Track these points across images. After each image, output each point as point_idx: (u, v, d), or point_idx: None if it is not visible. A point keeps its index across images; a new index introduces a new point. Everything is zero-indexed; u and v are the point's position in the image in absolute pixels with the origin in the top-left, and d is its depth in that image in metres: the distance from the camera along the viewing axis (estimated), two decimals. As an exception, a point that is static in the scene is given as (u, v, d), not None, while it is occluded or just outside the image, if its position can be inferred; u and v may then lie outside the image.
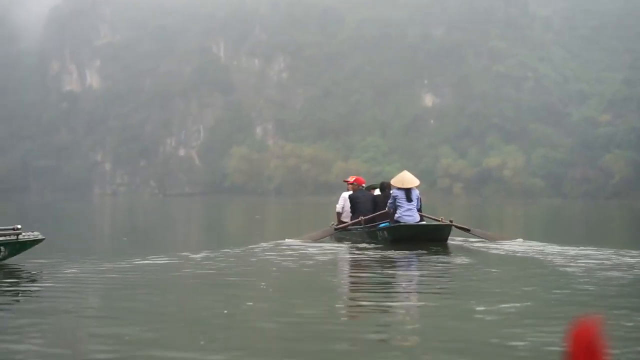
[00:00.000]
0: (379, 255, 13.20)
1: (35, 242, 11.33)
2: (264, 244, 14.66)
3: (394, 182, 15.57)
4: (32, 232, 11.53)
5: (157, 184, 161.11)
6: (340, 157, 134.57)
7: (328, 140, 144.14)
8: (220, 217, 38.09)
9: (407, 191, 15.25)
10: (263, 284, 9.47)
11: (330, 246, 15.00)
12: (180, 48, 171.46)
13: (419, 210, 15.58)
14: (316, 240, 15.91)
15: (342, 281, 10.89)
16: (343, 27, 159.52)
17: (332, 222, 17.26)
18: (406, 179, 15.48)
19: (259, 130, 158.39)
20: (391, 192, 15.47)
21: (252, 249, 13.84)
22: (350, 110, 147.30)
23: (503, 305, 7.69)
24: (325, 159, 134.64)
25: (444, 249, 14.28)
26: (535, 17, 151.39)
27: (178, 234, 22.78)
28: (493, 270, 11.28)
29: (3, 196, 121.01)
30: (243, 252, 13.28)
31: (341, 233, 16.54)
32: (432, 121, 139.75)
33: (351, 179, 17.34)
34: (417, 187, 15.69)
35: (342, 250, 14.52)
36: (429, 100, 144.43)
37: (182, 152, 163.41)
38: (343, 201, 17.06)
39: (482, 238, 15.99)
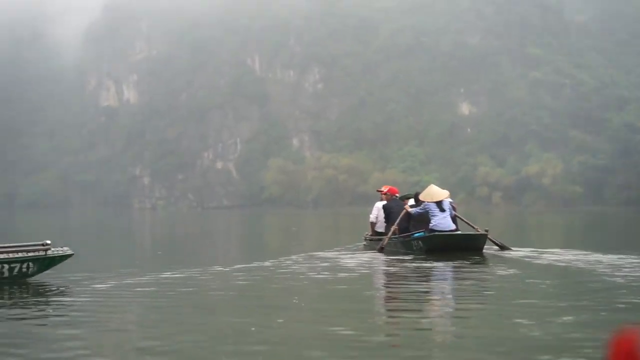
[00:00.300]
0: (414, 266, 13.15)
1: (64, 257, 11.41)
2: (297, 256, 14.77)
3: (422, 197, 15.89)
4: (62, 247, 11.61)
5: (195, 197, 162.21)
6: (377, 167, 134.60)
7: (365, 151, 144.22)
8: (256, 230, 38.39)
9: (439, 202, 15.50)
10: (295, 298, 9.32)
11: (364, 256, 15.04)
12: (216, 61, 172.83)
13: (453, 218, 15.76)
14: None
15: (376, 294, 10.67)
16: (377, 37, 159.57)
17: (366, 232, 17.79)
18: (434, 192, 15.79)
19: (295, 141, 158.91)
20: (424, 204, 15.63)
21: (286, 261, 13.90)
22: (386, 119, 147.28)
23: (544, 317, 7.56)
24: (362, 169, 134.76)
25: (480, 259, 14.23)
26: (571, 22, 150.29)
27: (213, 247, 23.13)
28: (531, 280, 11.06)
29: (44, 211, 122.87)
30: (277, 265, 13.26)
31: (376, 243, 16.57)
32: (469, 129, 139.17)
33: (385, 188, 17.47)
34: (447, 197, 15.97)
35: (377, 260, 14.40)
36: (465, 108, 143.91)
37: (219, 165, 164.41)
38: (377, 211, 17.21)
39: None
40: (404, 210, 16.08)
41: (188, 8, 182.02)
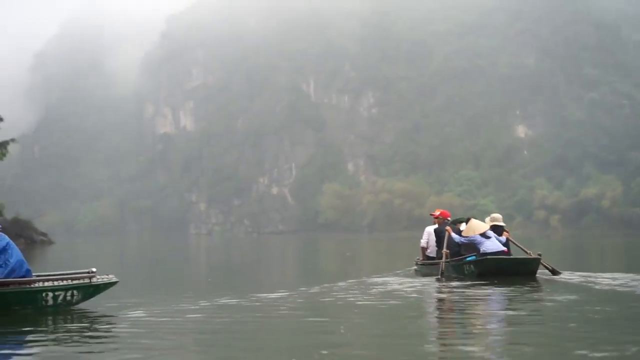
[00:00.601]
0: (466, 291, 12.86)
1: (109, 285, 11.31)
2: (347, 282, 14.61)
3: (464, 233, 15.63)
4: (107, 275, 11.51)
5: (251, 222, 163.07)
6: (433, 191, 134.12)
7: (420, 174, 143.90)
8: (310, 255, 38.33)
9: (482, 233, 15.37)
10: (342, 327, 8.87)
11: (415, 281, 14.81)
12: (271, 87, 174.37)
13: (505, 243, 15.63)
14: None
15: (425, 321, 10.00)
16: (432, 60, 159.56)
17: (417, 257, 17.55)
18: (474, 227, 15.54)
19: (350, 166, 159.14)
20: (470, 237, 15.48)
21: (334, 287, 13.71)
22: (442, 142, 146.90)
23: (601, 347, 7.22)
24: (418, 193, 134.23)
25: (533, 284, 13.88)
26: (628, 41, 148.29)
27: (264, 273, 23.07)
28: (589, 306, 10.46)
29: (102, 237, 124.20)
30: (326, 291, 13.06)
31: (427, 268, 16.58)
32: (525, 152, 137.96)
33: (437, 212, 17.23)
34: (495, 219, 16.07)
35: (428, 285, 14.11)
36: (521, 130, 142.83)
37: (275, 190, 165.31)
38: (427, 235, 17.07)
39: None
40: (447, 234, 15.88)
41: (243, 35, 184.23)
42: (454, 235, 15.72)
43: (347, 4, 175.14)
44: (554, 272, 15.33)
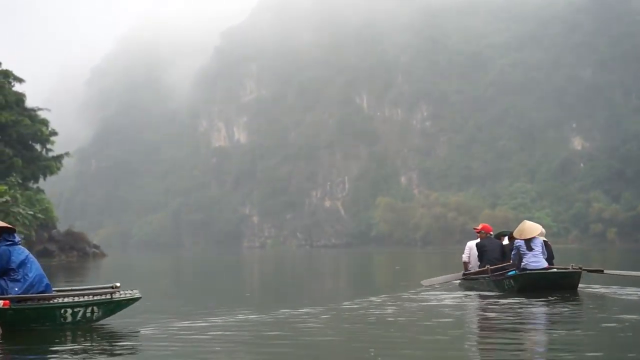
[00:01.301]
0: (506, 308, 12.29)
1: (132, 300, 10.72)
2: (385, 296, 14.45)
3: (515, 233, 15.30)
4: (132, 290, 10.98)
5: (303, 235, 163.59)
6: (487, 205, 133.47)
7: (474, 188, 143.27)
8: (357, 269, 38.21)
9: (527, 241, 14.93)
10: (372, 350, 8.05)
11: (455, 296, 14.56)
12: (324, 100, 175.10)
13: (549, 258, 15.16)
14: (442, 284, 16.30)
15: (464, 344, 9.09)
16: (487, 73, 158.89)
17: (461, 272, 17.03)
18: (525, 229, 15.06)
19: (403, 179, 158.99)
20: (515, 242, 15.15)
21: (375, 301, 13.53)
22: (496, 156, 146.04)
23: None
24: (471, 206, 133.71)
25: (575, 298, 13.48)
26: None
27: (306, 288, 22.57)
28: (631, 323, 9.76)
29: (156, 251, 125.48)
30: (364, 306, 12.69)
31: (469, 282, 16.32)
32: (582, 165, 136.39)
33: (479, 226, 16.79)
34: (540, 235, 15.21)
35: (468, 301, 13.79)
36: (578, 143, 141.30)
37: (327, 203, 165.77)
38: (468, 250, 16.77)
39: (618, 276, 15.44)
40: (507, 263, 15.45)
41: (296, 49, 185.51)
42: (513, 254, 15.19)
43: (400, 17, 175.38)
44: (601, 271, 15.32)
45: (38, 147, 63.43)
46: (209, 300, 16.08)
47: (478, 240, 16.43)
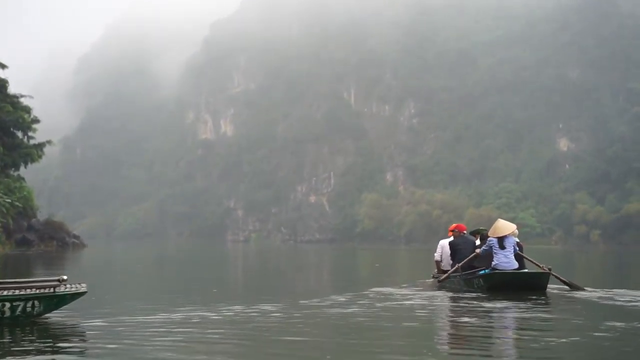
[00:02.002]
0: (474, 305, 12.50)
1: (76, 295, 10.16)
2: (355, 294, 14.40)
3: (490, 233, 15.51)
4: (80, 283, 10.44)
5: (288, 230, 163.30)
6: (472, 203, 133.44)
7: (460, 186, 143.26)
8: (336, 265, 37.85)
9: (501, 239, 15.06)
10: (328, 357, 7.80)
11: (425, 294, 14.56)
12: (312, 95, 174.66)
13: (518, 259, 15.25)
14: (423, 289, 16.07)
15: (422, 337, 9.31)
16: (475, 71, 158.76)
17: (434, 270, 17.39)
18: (498, 227, 15.30)
19: (389, 176, 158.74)
20: (488, 240, 15.34)
21: (341, 298, 13.53)
22: (483, 155, 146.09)
23: None
24: (456, 205, 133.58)
25: (543, 299, 13.62)
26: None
27: (276, 282, 22.37)
28: (597, 325, 9.92)
29: (140, 241, 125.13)
30: (327, 304, 12.63)
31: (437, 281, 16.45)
32: (567, 166, 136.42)
33: (453, 226, 17.08)
34: (513, 234, 15.32)
35: (437, 299, 13.84)
36: (564, 144, 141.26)
37: (312, 198, 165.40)
38: (441, 249, 16.99)
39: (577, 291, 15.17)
40: (474, 253, 15.67)
41: (285, 43, 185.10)
42: (479, 251, 15.51)
43: (390, 13, 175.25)
44: (572, 286, 15.23)
45: (20, 134, 62.69)
46: (172, 295, 15.71)
47: (451, 239, 16.59)
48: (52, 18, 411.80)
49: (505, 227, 15.30)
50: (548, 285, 14.88)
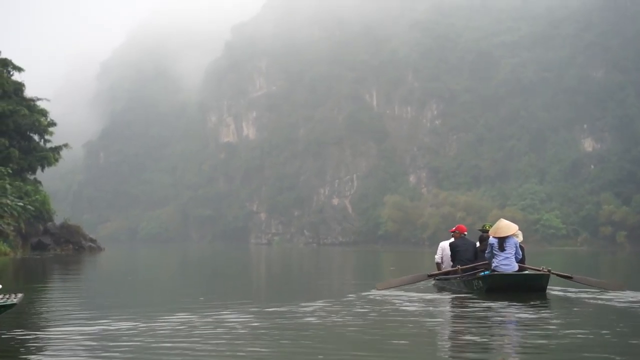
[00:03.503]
0: (473, 308, 12.36)
1: (4, 308, 9.14)
2: (356, 295, 14.39)
3: (491, 232, 15.45)
4: (15, 294, 9.59)
5: (311, 233, 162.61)
6: (496, 205, 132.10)
7: (483, 188, 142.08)
8: (351, 267, 36.87)
9: (501, 240, 14.96)
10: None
11: (425, 296, 14.49)
12: (334, 97, 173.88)
13: (520, 260, 15.28)
14: (408, 284, 16.24)
15: (419, 340, 9.10)
16: (498, 71, 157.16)
17: (425, 273, 17.33)
18: (500, 227, 15.22)
19: (412, 178, 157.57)
20: (489, 240, 15.27)
21: (344, 300, 13.43)
22: (506, 156, 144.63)
23: None
24: (480, 206, 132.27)
25: (542, 300, 13.48)
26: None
27: (280, 283, 22.79)
28: (596, 327, 9.77)
29: (163, 245, 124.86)
30: (327, 305, 12.52)
31: (441, 282, 16.72)
32: (592, 166, 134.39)
33: (454, 228, 17.29)
34: (515, 235, 15.35)
35: (436, 301, 13.85)
36: (588, 144, 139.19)
37: (335, 201, 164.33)
38: (441, 251, 17.30)
39: (585, 285, 15.32)
40: (484, 262, 15.62)
41: (306, 45, 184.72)
42: (486, 255, 15.37)
43: (411, 14, 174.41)
44: (570, 277, 15.43)
45: (36, 137, 62.06)
46: (162, 299, 15.38)
47: (451, 240, 16.92)
48: (74, 24, 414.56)
49: (507, 227, 15.19)
50: (548, 287, 14.84)
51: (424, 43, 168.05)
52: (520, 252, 15.32)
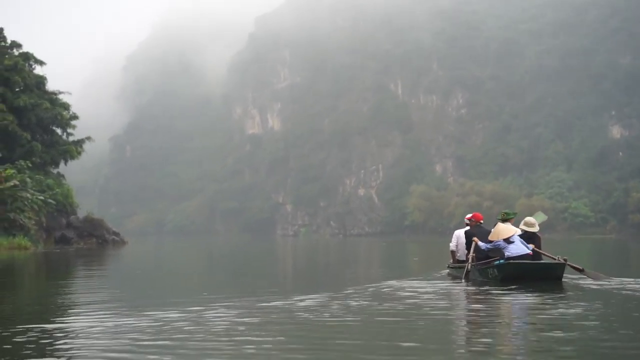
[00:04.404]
0: (485, 296, 12.34)
1: None
2: (369, 286, 14.14)
3: (490, 237, 15.33)
4: None
5: (337, 224, 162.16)
6: (523, 193, 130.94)
7: (510, 176, 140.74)
8: (375, 257, 35.88)
9: (506, 238, 14.96)
10: None
11: (439, 285, 14.47)
12: (358, 87, 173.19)
13: (533, 250, 15.06)
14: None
15: (431, 330, 8.75)
16: (523, 59, 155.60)
17: (450, 261, 17.54)
18: (500, 231, 15.10)
19: (438, 167, 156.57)
20: (494, 243, 15.16)
21: (361, 290, 13.22)
22: (533, 144, 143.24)
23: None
24: (507, 195, 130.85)
25: (558, 290, 13.13)
26: None
27: (298, 274, 22.31)
28: (613, 317, 9.53)
29: (188, 238, 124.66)
30: (344, 295, 12.31)
31: (456, 271, 16.46)
32: (620, 153, 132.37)
33: (469, 216, 17.12)
34: (532, 225, 15.49)
35: (452, 289, 13.78)
36: (616, 131, 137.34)
37: (361, 191, 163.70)
38: (456, 239, 17.13)
39: (594, 280, 14.60)
40: (473, 244, 15.68)
41: (330, 35, 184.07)
42: (480, 244, 15.44)
43: (434, 3, 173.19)
44: (581, 270, 14.95)
45: (59, 131, 61.48)
46: (164, 294, 14.79)
47: (467, 228, 16.67)
48: (102, 18, 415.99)
49: (508, 229, 15.09)
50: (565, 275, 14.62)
51: (448, 31, 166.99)
52: (536, 242, 15.27)
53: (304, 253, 43.00)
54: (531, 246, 15.01)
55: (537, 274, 14.33)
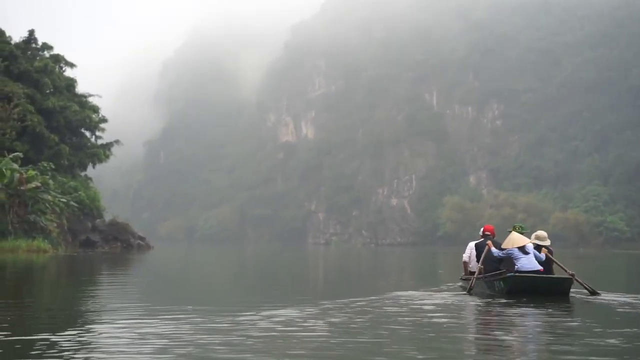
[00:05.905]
0: (490, 310, 12.11)
1: None
2: (378, 297, 13.84)
3: (504, 245, 15.23)
4: None
5: (369, 233, 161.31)
6: (558, 207, 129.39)
7: (545, 189, 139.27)
8: (399, 268, 34.46)
9: (522, 247, 14.85)
10: None
11: (448, 297, 14.18)
12: (392, 97, 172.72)
13: (545, 262, 14.94)
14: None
15: (431, 343, 8.34)
16: (560, 71, 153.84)
17: (462, 273, 17.33)
18: (515, 239, 15.00)
19: (472, 178, 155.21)
20: (507, 250, 15.02)
21: (362, 301, 12.82)
22: (569, 157, 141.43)
23: None
24: (541, 208, 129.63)
25: (565, 305, 12.87)
26: None
27: (312, 283, 21.91)
28: (619, 335, 8.89)
29: (219, 245, 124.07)
30: (341, 306, 11.84)
31: (467, 283, 16.04)
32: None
33: (483, 228, 16.91)
34: (543, 238, 15.44)
35: (456, 302, 13.32)
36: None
37: (394, 201, 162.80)
38: (469, 251, 16.82)
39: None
40: (487, 248, 15.51)
41: (365, 45, 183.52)
42: (493, 250, 15.34)
43: (470, 14, 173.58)
44: (593, 292, 14.64)
45: (88, 134, 60.76)
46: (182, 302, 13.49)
47: (480, 240, 16.48)
48: (140, 23, 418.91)
49: (518, 240, 14.98)
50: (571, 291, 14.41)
51: (484, 43, 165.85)
52: (547, 254, 15.09)
53: (348, 264, 41.76)
54: (543, 255, 14.91)
55: (543, 288, 14.17)
